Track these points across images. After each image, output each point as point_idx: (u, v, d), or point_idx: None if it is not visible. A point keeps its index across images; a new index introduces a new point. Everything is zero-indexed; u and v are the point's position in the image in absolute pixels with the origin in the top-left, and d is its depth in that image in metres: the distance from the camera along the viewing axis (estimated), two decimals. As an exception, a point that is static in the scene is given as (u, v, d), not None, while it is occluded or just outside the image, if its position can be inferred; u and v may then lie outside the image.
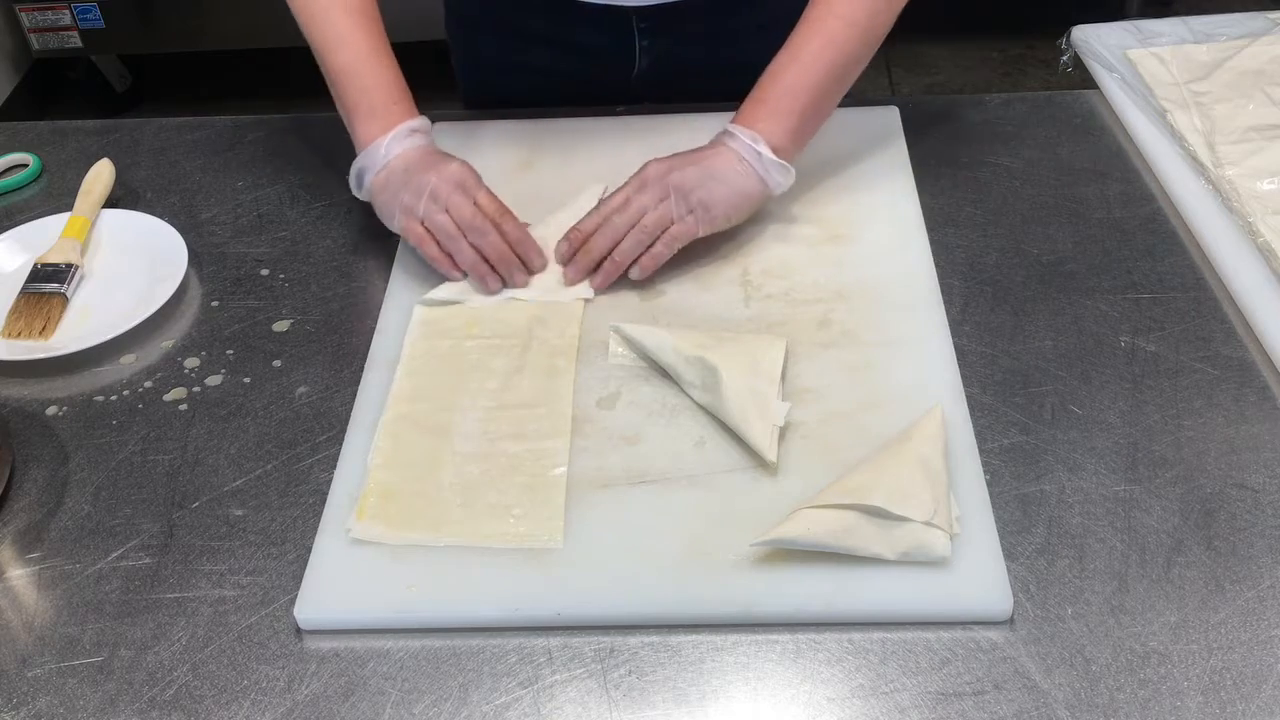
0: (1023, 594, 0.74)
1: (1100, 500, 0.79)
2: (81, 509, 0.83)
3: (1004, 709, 0.68)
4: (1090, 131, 1.13)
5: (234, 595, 0.77)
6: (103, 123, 1.24)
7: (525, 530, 0.78)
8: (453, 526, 0.78)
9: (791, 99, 0.95)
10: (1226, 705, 0.68)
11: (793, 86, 0.95)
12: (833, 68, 0.96)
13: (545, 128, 1.14)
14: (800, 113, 0.95)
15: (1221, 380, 0.87)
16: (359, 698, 0.71)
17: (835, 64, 0.96)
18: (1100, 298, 0.94)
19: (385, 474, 0.82)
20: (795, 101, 0.95)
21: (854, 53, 0.96)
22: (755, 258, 0.98)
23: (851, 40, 0.95)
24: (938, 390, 0.85)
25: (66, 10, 2.70)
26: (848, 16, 0.95)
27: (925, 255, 0.97)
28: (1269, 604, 0.73)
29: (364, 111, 0.98)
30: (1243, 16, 1.22)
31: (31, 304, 0.99)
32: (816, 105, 0.97)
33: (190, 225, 1.07)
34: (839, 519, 0.74)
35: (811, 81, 0.95)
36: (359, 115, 0.98)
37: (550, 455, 0.82)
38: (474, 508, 0.80)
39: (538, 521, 0.78)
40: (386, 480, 0.81)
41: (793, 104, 0.95)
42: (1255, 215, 0.97)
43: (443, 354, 0.91)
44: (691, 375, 0.86)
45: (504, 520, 0.79)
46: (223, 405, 0.90)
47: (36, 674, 0.73)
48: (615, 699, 0.70)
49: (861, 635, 0.72)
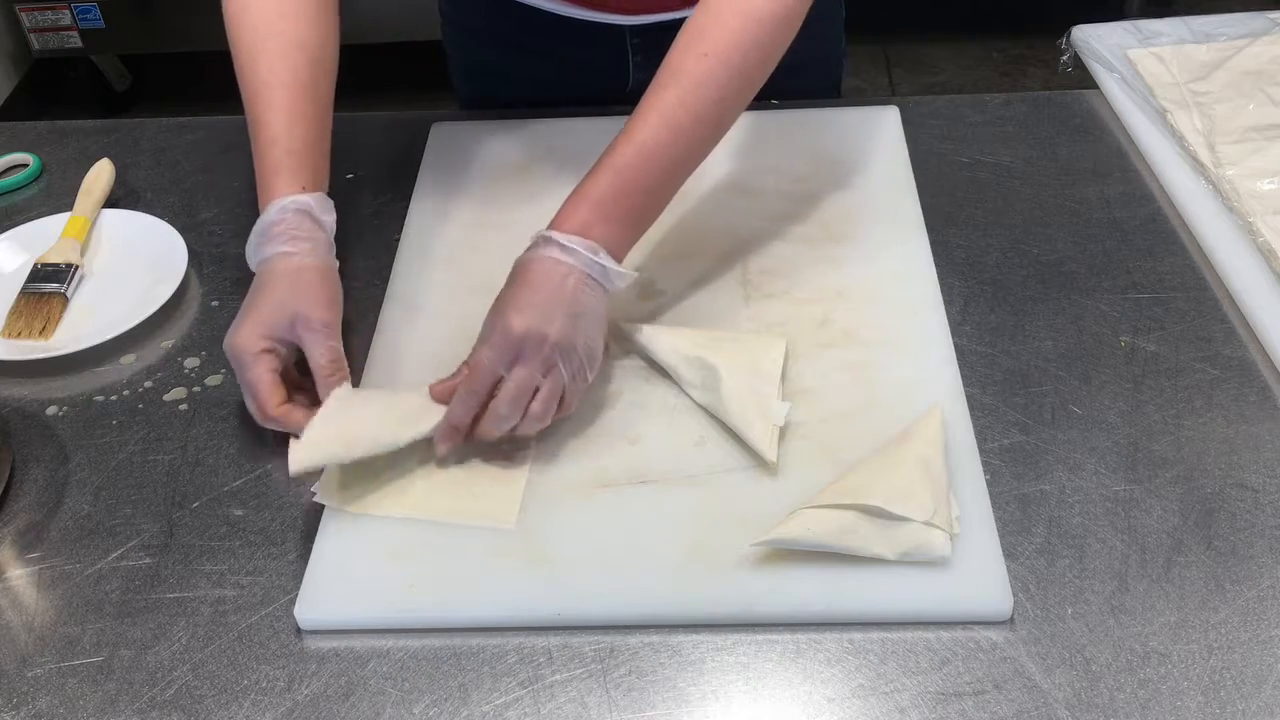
0: (1023, 594, 0.74)
1: (1100, 500, 0.79)
2: (81, 509, 0.83)
3: (1004, 709, 0.68)
4: (1090, 131, 1.13)
5: (234, 595, 0.77)
6: (103, 123, 1.24)
7: (480, 508, 0.79)
8: (411, 500, 0.80)
9: (629, 202, 0.84)
10: (1226, 705, 0.68)
11: (630, 187, 0.84)
12: (674, 165, 0.85)
13: (544, 129, 1.14)
14: (637, 218, 0.85)
15: (1221, 380, 0.87)
16: (359, 698, 0.71)
17: (677, 160, 0.85)
18: (1100, 298, 0.94)
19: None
20: (633, 206, 0.84)
21: (699, 147, 0.87)
22: (755, 258, 0.98)
23: (698, 134, 0.85)
24: (938, 390, 0.85)
25: (66, 10, 2.70)
26: (695, 107, 0.84)
27: (925, 255, 0.97)
28: (1269, 604, 0.73)
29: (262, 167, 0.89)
30: (1243, 16, 1.22)
31: (31, 304, 0.99)
32: (654, 206, 0.87)
33: (190, 225, 1.07)
34: (839, 519, 0.74)
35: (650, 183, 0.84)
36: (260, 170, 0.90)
37: (522, 440, 0.83)
38: (435, 480, 0.81)
39: (494, 501, 0.80)
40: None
41: (629, 209, 0.84)
42: (1255, 215, 0.97)
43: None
44: (691, 375, 0.86)
45: (462, 498, 0.80)
46: (223, 405, 0.90)
47: (36, 674, 0.73)
48: (615, 699, 0.70)
49: (861, 635, 0.72)
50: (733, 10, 0.85)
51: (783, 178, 1.06)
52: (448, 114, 1.18)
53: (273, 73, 0.90)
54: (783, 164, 1.08)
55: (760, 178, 1.06)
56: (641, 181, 0.84)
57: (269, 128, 0.89)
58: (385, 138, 1.17)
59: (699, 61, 0.84)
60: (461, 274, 0.99)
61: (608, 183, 0.83)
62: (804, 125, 1.12)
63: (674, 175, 0.86)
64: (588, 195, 0.83)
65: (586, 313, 0.81)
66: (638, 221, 0.86)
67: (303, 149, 0.89)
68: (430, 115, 1.17)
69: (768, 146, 1.10)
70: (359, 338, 0.94)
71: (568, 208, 0.84)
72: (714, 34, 0.85)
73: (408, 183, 1.09)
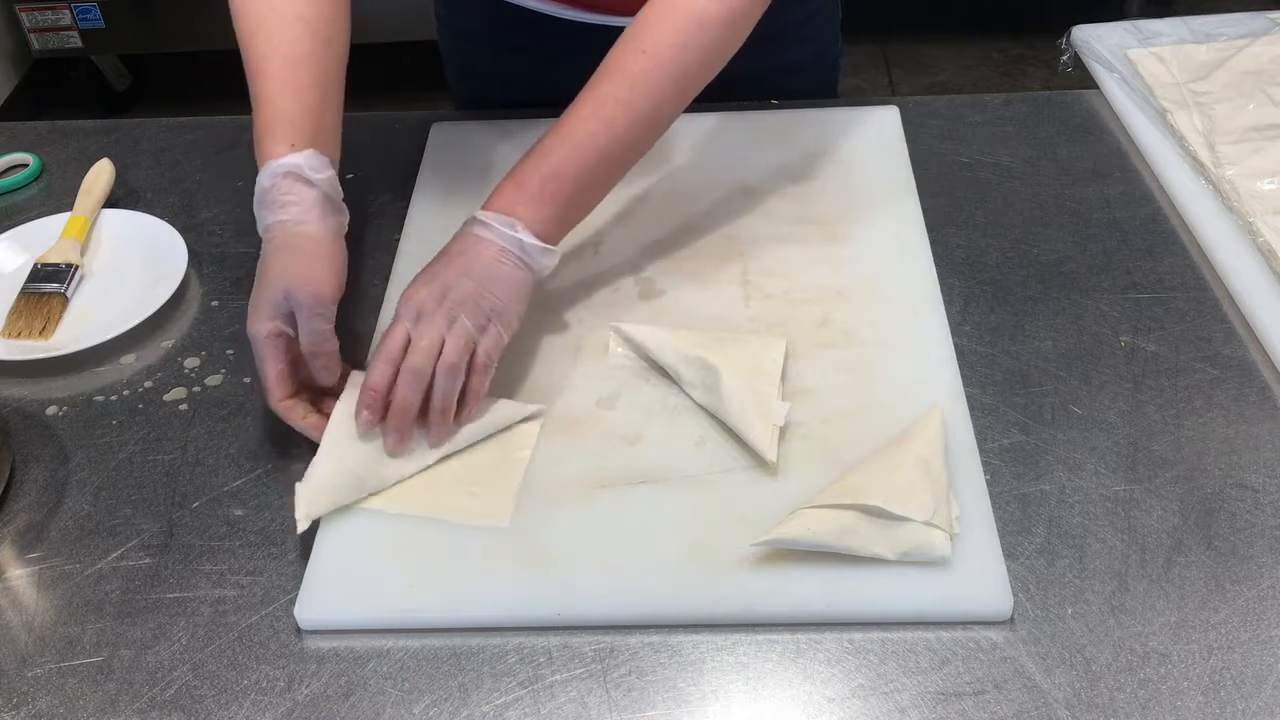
0: (1023, 594, 0.74)
1: (1100, 500, 0.79)
2: (81, 509, 0.83)
3: (1004, 709, 0.68)
4: (1090, 131, 1.13)
5: (234, 595, 0.77)
6: (103, 123, 1.24)
7: (476, 506, 0.80)
8: (407, 497, 0.80)
9: (556, 185, 0.85)
10: (1226, 705, 0.68)
11: (558, 171, 0.85)
12: (605, 156, 0.86)
13: (542, 129, 1.13)
14: (565, 202, 0.86)
15: (1221, 380, 0.87)
16: (359, 698, 0.71)
17: (609, 152, 0.86)
18: (1100, 298, 0.94)
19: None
20: (560, 189, 0.85)
21: (631, 141, 0.87)
22: (755, 258, 0.98)
23: (631, 128, 0.86)
24: (937, 390, 0.85)
25: (66, 10, 2.70)
26: (630, 102, 0.86)
27: (925, 255, 0.97)
28: (1269, 604, 0.73)
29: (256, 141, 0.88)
30: (1243, 16, 1.22)
31: (31, 304, 0.99)
32: (585, 194, 0.88)
33: (190, 225, 1.07)
34: (839, 519, 0.74)
35: (579, 170, 0.85)
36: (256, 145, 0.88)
37: (520, 436, 0.84)
38: (431, 477, 0.82)
39: (490, 499, 0.80)
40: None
41: (557, 192, 0.85)
42: (1255, 215, 0.97)
43: None
44: (691, 375, 0.86)
45: (460, 496, 0.80)
46: (223, 405, 0.90)
47: (36, 674, 0.73)
48: (615, 699, 0.70)
49: (861, 635, 0.72)
50: (675, 9, 0.86)
51: (783, 178, 1.06)
52: (448, 114, 1.18)
53: (269, 44, 0.89)
54: (783, 164, 1.08)
55: (760, 178, 1.06)
56: (568, 167, 0.85)
57: (260, 98, 0.88)
58: (385, 138, 1.17)
59: (637, 58, 0.86)
60: (461, 274, 0.99)
61: (532, 165, 0.85)
62: (804, 125, 1.12)
63: (606, 165, 0.87)
64: (512, 177, 0.86)
65: (497, 278, 0.83)
66: (566, 205, 0.86)
67: (294, 110, 0.87)
68: (430, 115, 1.17)
69: (768, 146, 1.10)
70: (359, 338, 0.94)
71: (494, 190, 0.86)
72: (654, 32, 0.87)
73: (408, 183, 1.09)
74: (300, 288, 0.83)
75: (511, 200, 0.85)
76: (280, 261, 0.84)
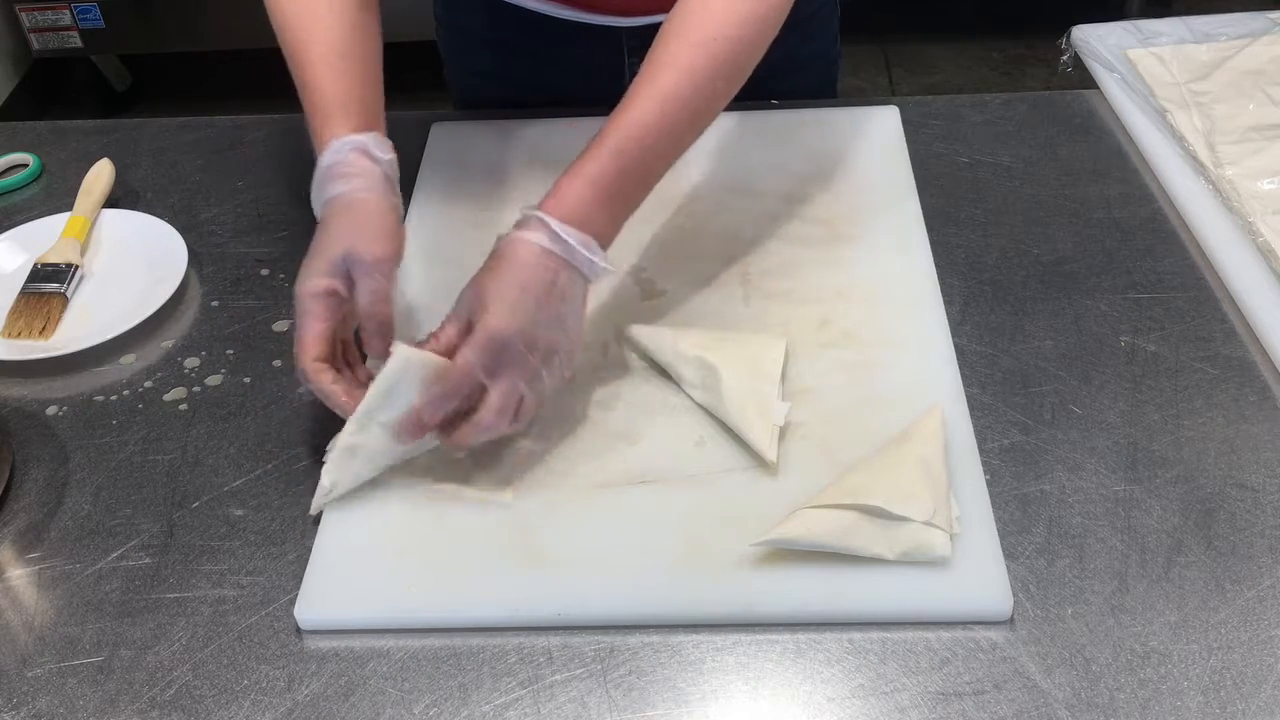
0: (1023, 594, 0.74)
1: (1100, 500, 0.79)
2: (81, 509, 0.83)
3: (1004, 709, 0.68)
4: (1090, 131, 1.13)
5: (234, 595, 0.77)
6: (103, 123, 1.24)
7: (481, 478, 0.80)
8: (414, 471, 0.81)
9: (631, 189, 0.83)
10: (1226, 705, 0.68)
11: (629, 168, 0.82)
12: (664, 152, 0.84)
13: (544, 129, 1.14)
14: (630, 206, 0.84)
15: (1221, 380, 0.87)
16: (359, 698, 0.71)
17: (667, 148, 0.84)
18: (1100, 298, 0.94)
19: None
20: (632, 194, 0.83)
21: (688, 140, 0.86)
22: (755, 258, 0.98)
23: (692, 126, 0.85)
24: (938, 390, 0.85)
25: (66, 10, 2.70)
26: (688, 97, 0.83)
27: (925, 255, 0.97)
28: (1269, 604, 0.73)
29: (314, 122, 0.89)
30: (1243, 16, 1.22)
31: (31, 304, 0.99)
32: (644, 194, 0.85)
33: (190, 225, 1.07)
34: (839, 519, 0.74)
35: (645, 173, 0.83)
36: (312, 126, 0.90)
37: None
38: (440, 455, 0.82)
39: (495, 473, 0.80)
40: None
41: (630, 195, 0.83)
42: (1255, 215, 0.97)
43: None
44: (691, 375, 0.86)
45: (464, 469, 0.81)
46: (223, 405, 0.90)
47: (36, 674, 0.73)
48: (615, 699, 0.70)
49: (861, 635, 0.72)
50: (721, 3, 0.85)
51: (783, 178, 1.06)
52: (448, 114, 1.18)
53: (306, 31, 0.90)
54: (783, 164, 1.08)
55: (760, 178, 1.06)
56: (638, 166, 0.83)
57: (310, 86, 0.89)
58: (385, 138, 1.17)
59: (692, 50, 0.84)
60: (462, 273, 0.98)
61: (610, 163, 0.81)
62: (804, 125, 1.12)
63: (663, 163, 0.85)
64: (587, 175, 0.81)
65: (570, 310, 0.80)
66: (629, 207, 0.84)
67: (347, 99, 0.88)
68: (430, 115, 1.17)
69: (768, 146, 1.10)
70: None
71: (566, 188, 0.81)
72: (707, 25, 0.85)
73: (407, 183, 1.09)
74: (363, 247, 0.81)
75: (587, 201, 0.80)
76: (342, 224, 0.83)
